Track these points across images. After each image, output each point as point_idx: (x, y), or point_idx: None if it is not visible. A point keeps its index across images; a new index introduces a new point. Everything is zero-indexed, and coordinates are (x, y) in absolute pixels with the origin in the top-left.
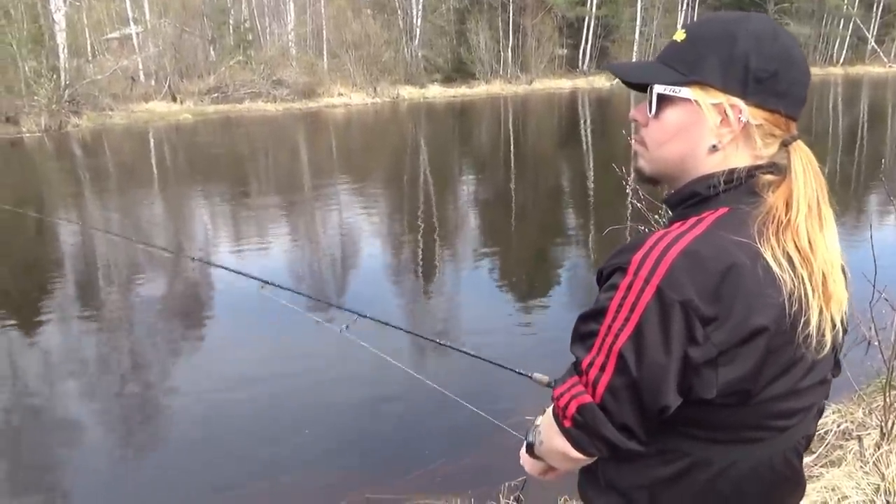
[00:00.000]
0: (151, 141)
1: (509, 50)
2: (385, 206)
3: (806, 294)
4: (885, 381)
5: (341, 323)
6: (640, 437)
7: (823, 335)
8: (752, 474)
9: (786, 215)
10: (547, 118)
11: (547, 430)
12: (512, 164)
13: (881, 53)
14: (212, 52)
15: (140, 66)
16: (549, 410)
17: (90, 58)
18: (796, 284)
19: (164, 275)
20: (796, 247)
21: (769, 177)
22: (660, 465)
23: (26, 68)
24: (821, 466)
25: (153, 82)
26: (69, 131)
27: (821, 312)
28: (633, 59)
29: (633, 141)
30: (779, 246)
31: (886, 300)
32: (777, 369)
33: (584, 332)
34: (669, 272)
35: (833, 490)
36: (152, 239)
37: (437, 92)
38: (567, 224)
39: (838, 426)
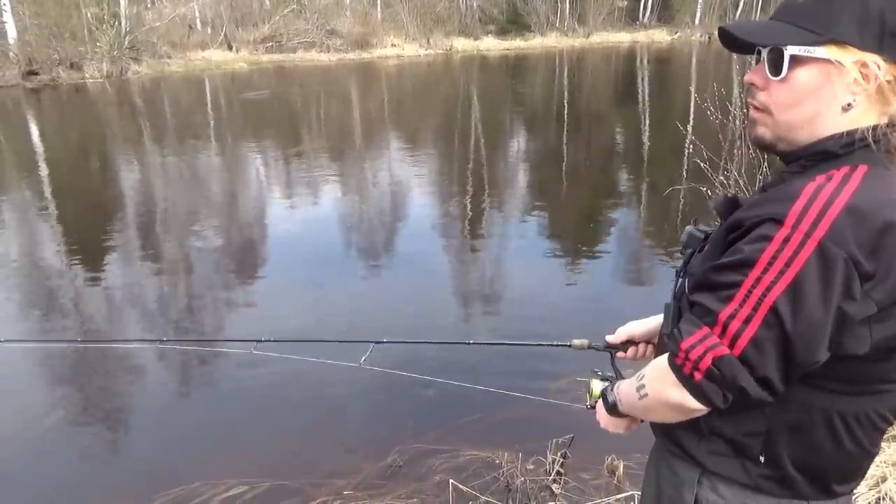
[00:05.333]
0: (208, 89)
1: (567, 1)
2: (434, 161)
3: None
4: None
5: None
6: (777, 389)
7: None
8: (870, 424)
9: None
10: (603, 73)
11: (657, 383)
12: (565, 121)
13: None
14: (266, 1)
15: (197, 14)
16: (657, 364)
17: (149, 5)
18: None
19: (221, 220)
20: None
21: None
22: (781, 413)
23: (88, 15)
24: (882, 441)
25: (209, 30)
26: (129, 78)
27: None
28: (698, 13)
29: (749, 107)
30: None
31: None
32: None
33: (721, 282)
34: (833, 226)
35: (895, 465)
36: (208, 188)
37: (491, 44)
38: (619, 183)
39: None
